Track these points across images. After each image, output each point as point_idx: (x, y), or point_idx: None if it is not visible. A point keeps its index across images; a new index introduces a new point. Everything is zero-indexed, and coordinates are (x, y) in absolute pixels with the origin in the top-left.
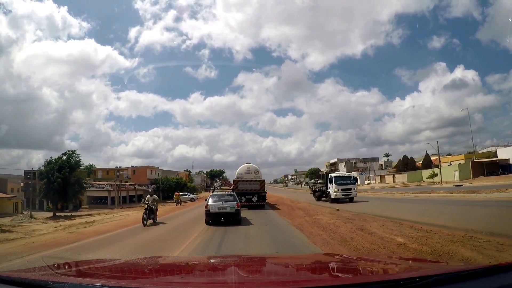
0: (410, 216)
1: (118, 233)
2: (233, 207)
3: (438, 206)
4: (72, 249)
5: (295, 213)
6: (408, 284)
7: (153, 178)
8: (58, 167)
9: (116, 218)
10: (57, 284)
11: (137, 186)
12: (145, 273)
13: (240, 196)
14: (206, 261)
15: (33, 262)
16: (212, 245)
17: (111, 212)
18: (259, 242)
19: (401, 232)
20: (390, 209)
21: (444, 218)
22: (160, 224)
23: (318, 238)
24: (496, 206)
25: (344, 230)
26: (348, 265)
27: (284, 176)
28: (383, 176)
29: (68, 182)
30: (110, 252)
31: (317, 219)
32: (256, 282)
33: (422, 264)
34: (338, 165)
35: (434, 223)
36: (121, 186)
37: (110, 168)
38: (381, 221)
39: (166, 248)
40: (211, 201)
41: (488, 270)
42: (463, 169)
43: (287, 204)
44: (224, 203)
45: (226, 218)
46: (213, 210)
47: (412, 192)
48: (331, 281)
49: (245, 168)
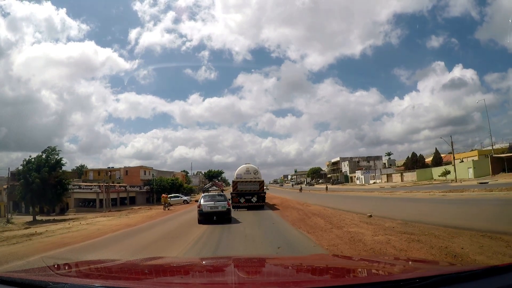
0: (487, 224)
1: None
2: (224, 206)
3: (501, 208)
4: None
5: (313, 221)
6: (408, 285)
7: (147, 179)
8: (36, 166)
9: (81, 227)
10: (57, 284)
11: (128, 188)
12: (145, 274)
13: (239, 197)
14: (206, 262)
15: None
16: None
17: (96, 217)
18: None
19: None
20: (445, 214)
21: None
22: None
23: None
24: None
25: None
26: (348, 265)
27: (284, 176)
28: (390, 175)
29: (47, 183)
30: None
31: (353, 234)
32: (256, 282)
33: (422, 265)
34: (341, 164)
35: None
36: (110, 187)
37: (102, 169)
38: (465, 235)
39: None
40: (203, 201)
41: (487, 271)
42: (477, 166)
43: (295, 208)
44: (216, 202)
45: (218, 217)
46: (205, 210)
47: (439, 191)
48: (331, 281)
49: (245, 168)
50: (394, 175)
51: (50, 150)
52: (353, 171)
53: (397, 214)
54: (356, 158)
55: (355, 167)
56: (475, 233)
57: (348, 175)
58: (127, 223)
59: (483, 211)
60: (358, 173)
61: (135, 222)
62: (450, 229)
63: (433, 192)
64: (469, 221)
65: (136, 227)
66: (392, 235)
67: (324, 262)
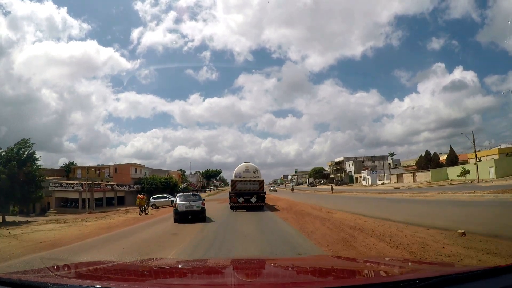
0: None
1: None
2: (199, 205)
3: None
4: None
5: (371, 247)
6: (408, 286)
7: (138, 178)
8: (5, 160)
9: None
10: (56, 286)
11: (116, 187)
12: (144, 275)
13: (238, 197)
14: (205, 263)
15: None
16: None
17: (75, 219)
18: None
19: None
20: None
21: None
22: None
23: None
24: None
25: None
26: (347, 267)
27: (284, 176)
28: (400, 175)
29: (16, 180)
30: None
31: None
32: (255, 284)
33: (422, 266)
34: (345, 163)
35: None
36: (95, 186)
37: (91, 166)
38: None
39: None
40: (179, 201)
41: (487, 272)
42: (499, 164)
43: (314, 216)
44: (190, 202)
45: (193, 216)
46: (181, 209)
47: (482, 192)
48: (331, 283)
49: (244, 167)
50: (405, 175)
51: (23, 142)
52: (358, 171)
53: (496, 229)
54: (360, 157)
55: (360, 167)
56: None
57: (353, 175)
58: (62, 237)
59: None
60: (364, 173)
61: (76, 236)
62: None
63: (479, 193)
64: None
65: (57, 249)
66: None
67: (324, 263)
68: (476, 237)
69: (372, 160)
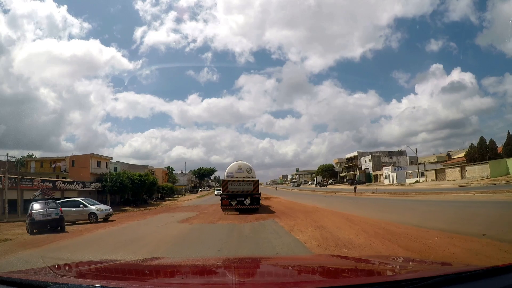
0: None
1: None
2: (57, 213)
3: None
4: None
5: None
6: (409, 285)
7: (100, 173)
8: None
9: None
10: (57, 285)
11: (60, 184)
12: (145, 274)
13: (230, 199)
14: (205, 262)
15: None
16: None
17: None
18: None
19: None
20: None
21: None
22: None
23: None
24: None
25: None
26: (348, 266)
27: (283, 176)
28: (441, 170)
29: None
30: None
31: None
32: (255, 283)
33: (423, 265)
34: (359, 160)
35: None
36: (23, 182)
37: (45, 159)
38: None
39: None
40: (35, 209)
41: (488, 271)
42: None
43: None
44: (48, 210)
45: (52, 225)
46: (38, 218)
47: None
48: (331, 282)
49: (236, 166)
50: (447, 170)
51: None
52: (377, 168)
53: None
54: (376, 152)
55: (379, 164)
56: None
57: (370, 173)
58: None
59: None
60: (386, 170)
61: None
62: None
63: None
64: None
65: None
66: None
67: (324, 263)
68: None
69: (389, 156)
